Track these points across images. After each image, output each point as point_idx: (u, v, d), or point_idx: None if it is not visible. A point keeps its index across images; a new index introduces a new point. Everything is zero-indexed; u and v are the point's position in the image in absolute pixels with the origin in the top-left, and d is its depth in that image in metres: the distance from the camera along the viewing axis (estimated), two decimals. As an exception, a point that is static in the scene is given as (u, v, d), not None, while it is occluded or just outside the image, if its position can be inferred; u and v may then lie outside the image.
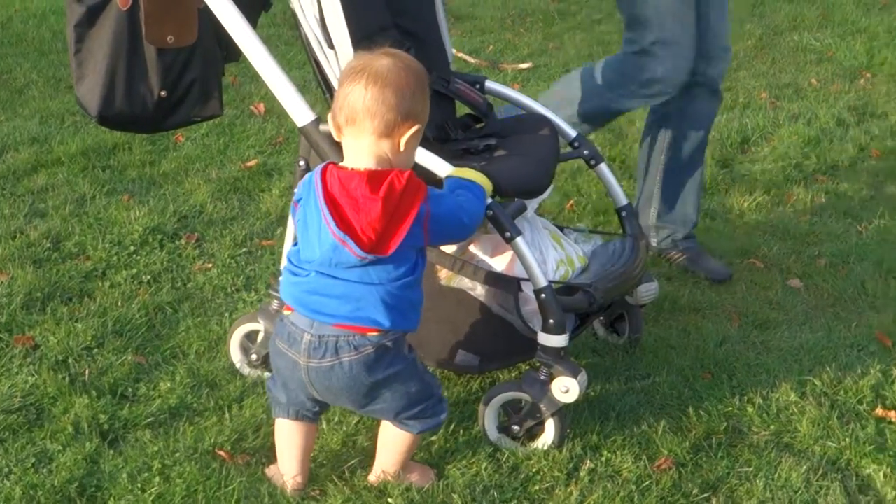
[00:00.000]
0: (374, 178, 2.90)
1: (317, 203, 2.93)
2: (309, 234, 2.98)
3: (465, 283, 3.57)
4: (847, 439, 3.57)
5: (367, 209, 2.88)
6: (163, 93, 3.72)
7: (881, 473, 3.41)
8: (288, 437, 3.26)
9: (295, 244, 3.09)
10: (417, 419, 3.20)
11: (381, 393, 3.10)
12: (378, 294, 2.97)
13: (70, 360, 3.90)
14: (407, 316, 3.06)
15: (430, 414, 3.21)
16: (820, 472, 3.41)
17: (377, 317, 2.98)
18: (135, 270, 4.61)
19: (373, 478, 3.31)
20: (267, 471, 3.35)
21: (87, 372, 3.83)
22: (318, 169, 2.99)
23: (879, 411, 3.74)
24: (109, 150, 5.99)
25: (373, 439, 3.36)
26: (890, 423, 3.68)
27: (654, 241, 4.88)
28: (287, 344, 3.08)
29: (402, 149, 2.99)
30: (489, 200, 3.31)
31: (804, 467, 3.42)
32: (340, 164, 3.01)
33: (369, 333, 3.00)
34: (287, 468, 3.27)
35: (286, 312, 3.12)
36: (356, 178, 2.91)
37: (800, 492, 3.33)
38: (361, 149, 2.97)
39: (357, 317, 2.98)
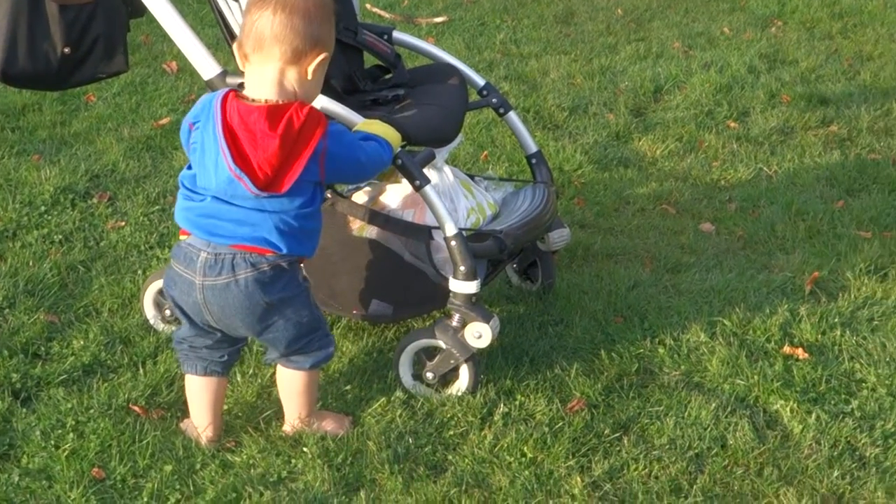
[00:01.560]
0: (273, 114, 2.89)
1: (215, 132, 2.92)
2: (206, 162, 2.96)
3: (376, 232, 3.58)
4: (755, 377, 3.63)
5: (265, 145, 2.88)
6: (66, 49, 3.67)
7: (788, 409, 3.48)
8: (198, 392, 3.27)
9: (189, 167, 3.07)
10: (306, 353, 3.22)
11: (275, 320, 3.11)
12: (273, 221, 2.98)
13: (-19, 321, 3.88)
14: (302, 243, 3.07)
15: (318, 347, 3.23)
16: (729, 409, 3.47)
17: (273, 240, 3.00)
18: (46, 230, 4.57)
19: (287, 427, 3.32)
20: (182, 424, 3.35)
21: (-2, 332, 3.81)
22: (218, 95, 2.97)
23: (787, 349, 3.81)
24: (19, 110, 5.91)
25: (287, 390, 3.37)
26: (797, 360, 3.75)
27: None
28: (183, 265, 3.07)
29: (309, 76, 2.98)
30: (397, 150, 3.32)
31: (713, 405, 3.48)
32: (241, 92, 2.99)
33: (266, 253, 3.02)
34: (200, 422, 3.28)
35: (182, 237, 3.11)
36: (256, 113, 2.90)
37: (709, 428, 3.39)
38: (266, 76, 2.96)
39: (253, 237, 2.99)
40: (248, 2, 3.04)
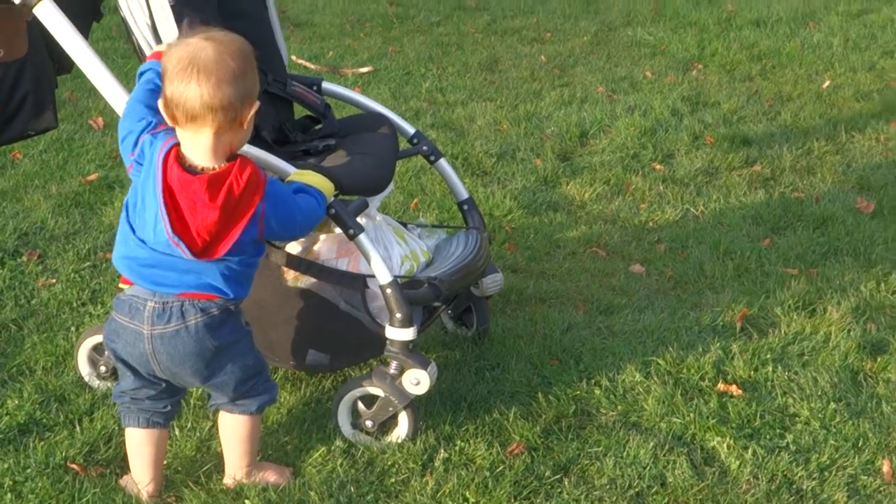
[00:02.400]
0: (213, 184, 2.87)
1: (155, 191, 2.90)
2: (146, 217, 2.95)
3: (311, 282, 3.59)
4: (691, 414, 3.68)
5: (205, 214, 2.87)
6: (-5, 108, 3.67)
7: (724, 445, 3.52)
8: (140, 445, 3.24)
9: (134, 208, 3.01)
10: (252, 397, 3.23)
11: (224, 364, 3.12)
12: (218, 268, 2.99)
13: (-88, 384, 3.83)
14: (244, 285, 3.10)
15: (263, 390, 3.25)
16: (667, 448, 3.51)
17: (219, 285, 3.01)
18: (-25, 290, 4.53)
19: (228, 480, 3.31)
20: (121, 481, 3.33)
21: (-70, 394, 3.76)
22: (159, 153, 2.91)
23: (721, 386, 3.85)
24: (-56, 170, 5.87)
25: (226, 443, 3.36)
26: (731, 396, 3.80)
27: None
28: (128, 316, 3.05)
29: (244, 127, 2.96)
30: (331, 200, 3.33)
31: (651, 444, 3.51)
32: (181, 151, 2.93)
33: (214, 299, 3.03)
34: (140, 476, 3.26)
35: (123, 286, 3.09)
36: (196, 183, 2.87)
37: (648, 467, 3.42)
38: (201, 143, 2.91)
39: (199, 284, 3.00)
40: (166, 68, 2.92)
